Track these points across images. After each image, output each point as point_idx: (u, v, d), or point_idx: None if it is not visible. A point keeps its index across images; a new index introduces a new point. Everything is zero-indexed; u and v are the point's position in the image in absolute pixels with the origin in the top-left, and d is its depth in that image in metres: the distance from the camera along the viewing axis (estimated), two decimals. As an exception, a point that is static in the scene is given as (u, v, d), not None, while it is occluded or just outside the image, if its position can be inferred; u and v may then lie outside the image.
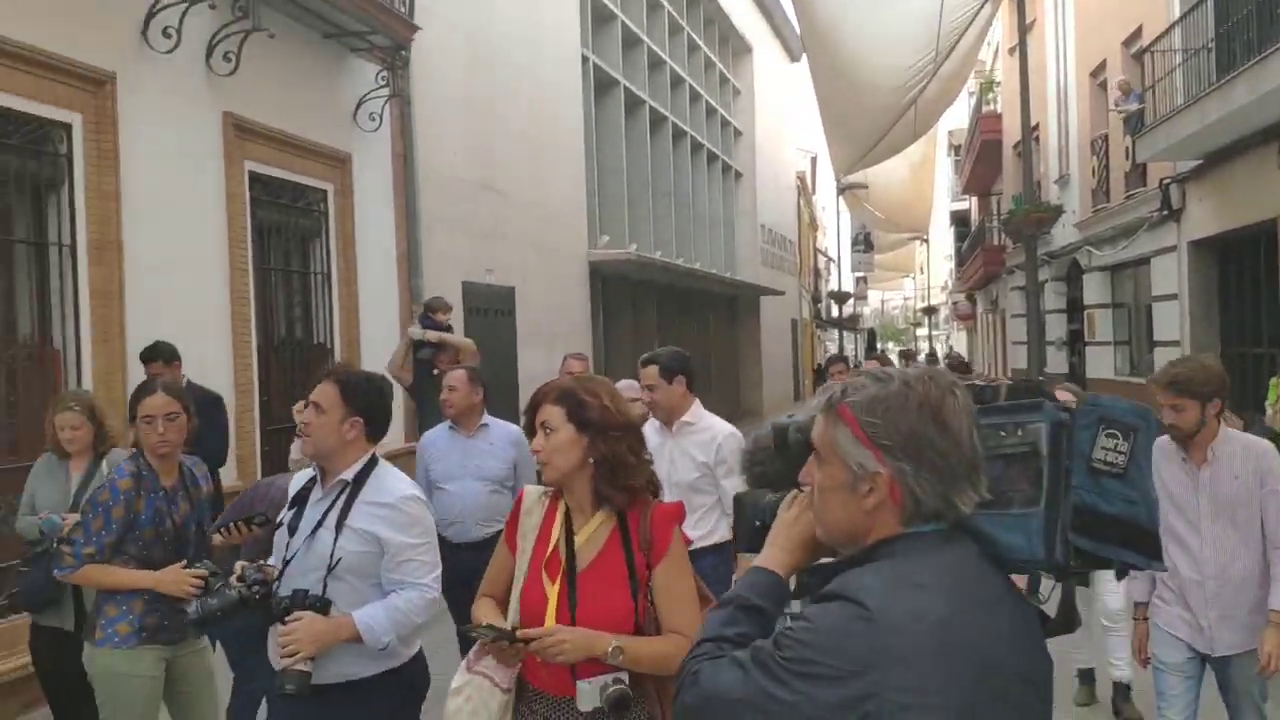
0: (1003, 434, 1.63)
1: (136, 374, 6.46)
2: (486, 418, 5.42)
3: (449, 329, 8.44)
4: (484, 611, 2.68)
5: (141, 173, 6.71)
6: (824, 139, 20.91)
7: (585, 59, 15.81)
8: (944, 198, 43.64)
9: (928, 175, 35.50)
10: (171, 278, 7.00)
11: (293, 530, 3.09)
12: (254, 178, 8.03)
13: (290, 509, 3.15)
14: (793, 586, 1.76)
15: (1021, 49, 15.30)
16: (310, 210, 8.97)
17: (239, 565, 3.09)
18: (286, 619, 2.90)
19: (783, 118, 32.50)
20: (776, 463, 1.88)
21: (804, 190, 39.22)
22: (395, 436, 8.26)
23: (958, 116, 33.57)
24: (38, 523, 4.50)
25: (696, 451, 4.61)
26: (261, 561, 3.09)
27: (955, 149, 39.45)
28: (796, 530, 1.75)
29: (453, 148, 11.29)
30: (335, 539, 3.00)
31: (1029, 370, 16.53)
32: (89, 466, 4.58)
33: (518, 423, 7.16)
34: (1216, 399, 3.66)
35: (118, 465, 4.79)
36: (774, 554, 1.76)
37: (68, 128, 6.25)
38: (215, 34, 7.38)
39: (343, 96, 9.30)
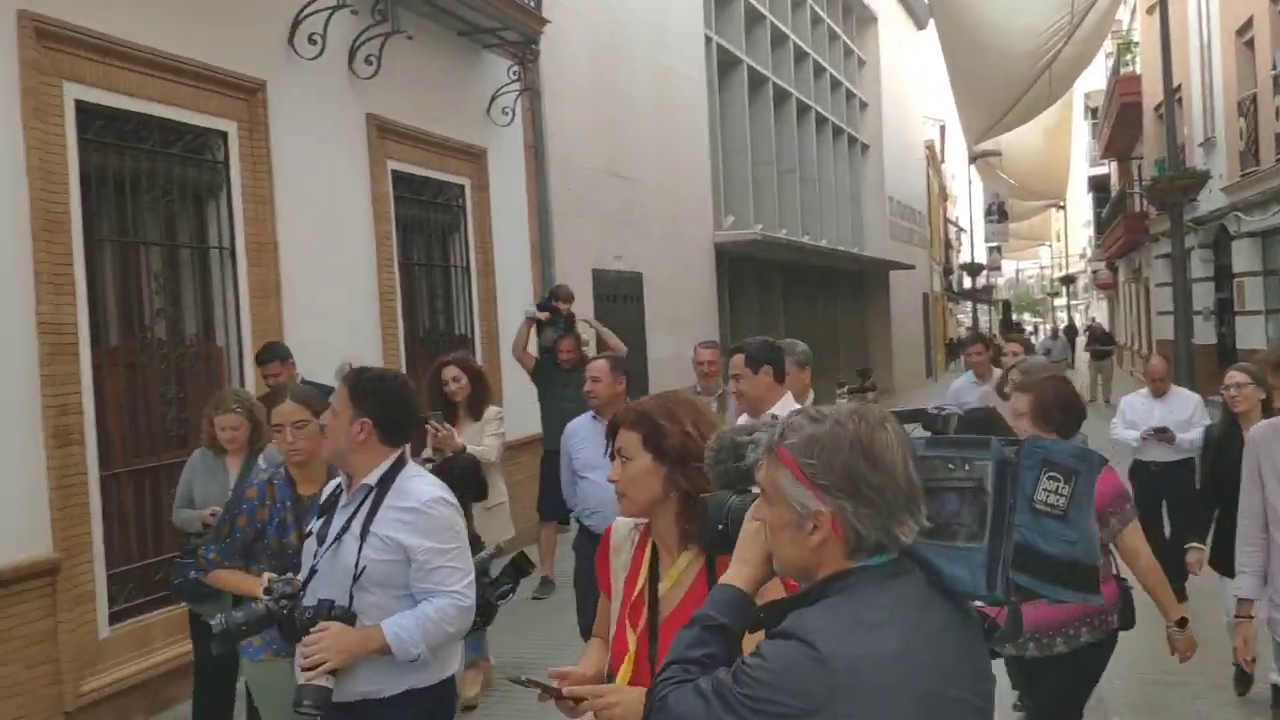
0: (950, 467, 1.68)
1: (297, 368, 6.81)
2: None
3: (570, 317, 8.53)
4: (591, 653, 2.52)
5: (292, 176, 7.03)
6: (954, 107, 20.43)
7: (708, 39, 15.78)
8: (1081, 162, 42.07)
9: (1063, 140, 34.28)
10: (323, 276, 7.32)
11: (321, 540, 2.97)
12: (396, 176, 8.31)
13: (318, 517, 3.06)
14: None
15: (1162, 8, 14.68)
16: (449, 205, 9.24)
17: (266, 577, 3.04)
18: (312, 629, 2.79)
19: (909, 87, 31.81)
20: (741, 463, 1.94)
21: (933, 160, 38.36)
22: (525, 424, 8.47)
23: (1094, 78, 32.30)
24: (201, 516, 4.80)
25: None
26: (290, 574, 3.02)
27: (1092, 112, 37.94)
28: (759, 543, 1.78)
29: (581, 136, 11.44)
30: (360, 547, 2.87)
31: (1175, 341, 15.88)
32: (245, 462, 4.84)
33: None
34: None
35: (273, 461, 5.10)
36: (739, 569, 1.81)
37: (224, 135, 6.59)
38: (357, 38, 7.65)
39: (477, 93, 9.53)
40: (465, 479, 4.72)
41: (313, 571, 2.94)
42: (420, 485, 2.98)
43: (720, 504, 1.97)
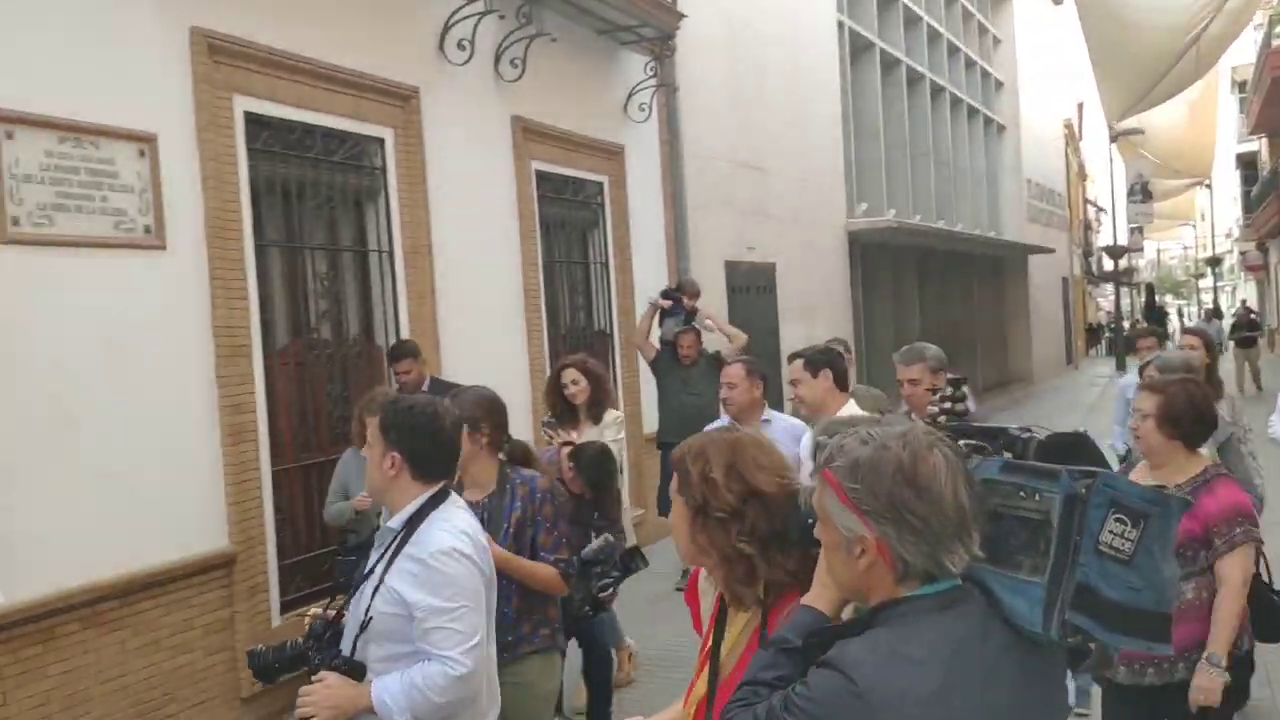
0: (1021, 495, 1.62)
1: (451, 368, 7.03)
2: (768, 412, 5.33)
3: (692, 312, 8.54)
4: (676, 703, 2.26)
5: (444, 179, 7.23)
6: (1093, 84, 19.72)
7: (840, 25, 15.58)
8: (1228, 139, 40.12)
9: (1209, 115, 32.73)
10: (473, 275, 7.52)
11: (357, 582, 2.85)
12: (539, 176, 8.46)
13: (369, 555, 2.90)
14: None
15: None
16: (589, 203, 9.36)
17: (311, 613, 2.96)
18: (313, 679, 2.68)
19: (1047, 65, 30.80)
20: None
21: (1071, 139, 37.07)
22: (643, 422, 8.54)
23: (1242, 51, 30.71)
24: (353, 504, 5.18)
25: None
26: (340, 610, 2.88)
27: (1239, 86, 36.14)
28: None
29: (714, 129, 11.44)
30: (371, 596, 2.71)
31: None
32: None
33: (782, 406, 7.27)
34: None
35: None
36: (819, 591, 1.80)
37: (381, 142, 6.82)
38: (502, 42, 7.81)
39: (615, 90, 9.62)
40: (596, 467, 4.81)
41: (339, 614, 2.84)
42: (437, 533, 2.72)
43: (810, 498, 1.89)
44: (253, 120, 5.88)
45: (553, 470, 5.07)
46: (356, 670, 2.67)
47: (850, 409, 4.21)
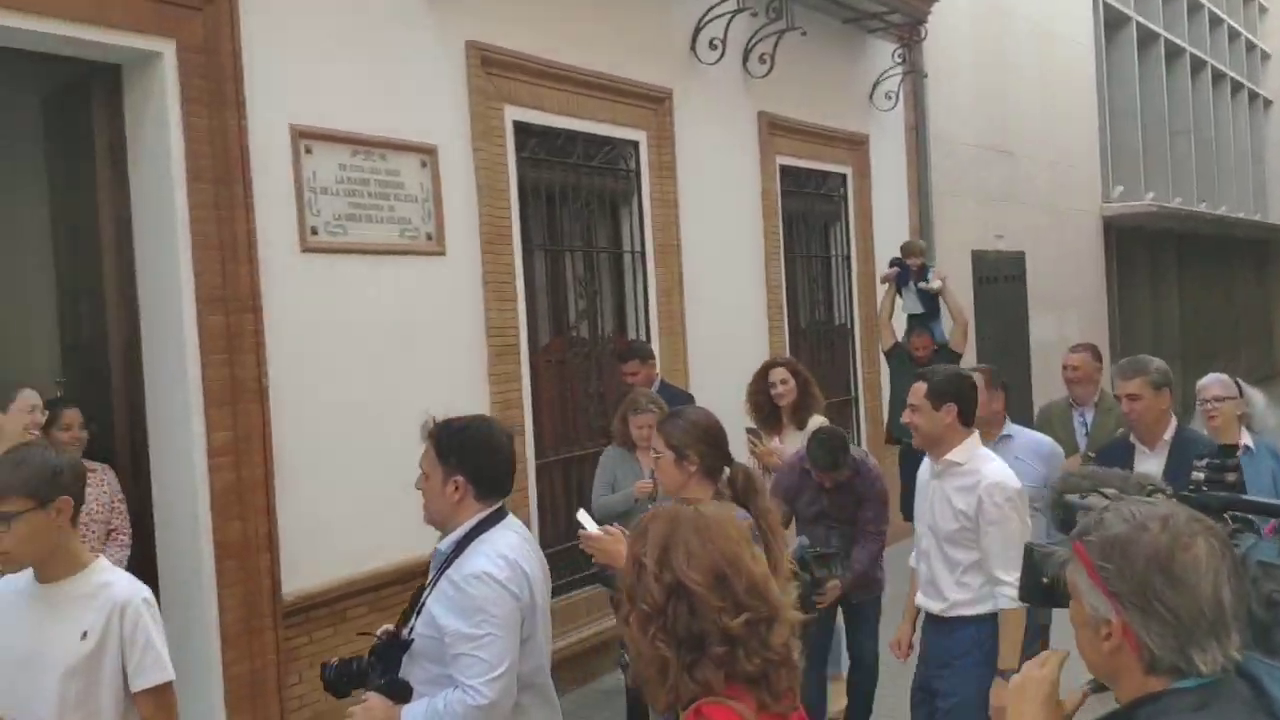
0: None
1: (698, 363, 7.12)
2: (1010, 427, 4.82)
3: (920, 270, 8.10)
4: None
5: (693, 178, 7.31)
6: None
7: (1095, -1, 14.75)
8: None
9: None
10: (719, 272, 7.57)
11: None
12: (783, 171, 8.43)
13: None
14: None
15: None
16: (831, 195, 9.25)
17: (382, 630, 2.86)
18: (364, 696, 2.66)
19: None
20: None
21: (1348, 110, 33.72)
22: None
23: None
24: (635, 490, 5.14)
25: (957, 498, 3.71)
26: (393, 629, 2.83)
27: None
28: (1035, 690, 1.66)
29: (962, 113, 11.06)
30: (415, 616, 2.71)
31: None
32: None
33: (1031, 415, 6.91)
34: None
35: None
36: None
37: (635, 145, 6.95)
38: (752, 38, 7.80)
39: (860, 80, 9.46)
40: (822, 446, 4.76)
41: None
42: (477, 557, 2.65)
43: (1047, 556, 1.78)
44: (520, 129, 6.11)
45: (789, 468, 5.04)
46: (399, 691, 2.62)
47: (969, 450, 3.74)
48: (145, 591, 2.66)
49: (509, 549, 2.70)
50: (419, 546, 5.27)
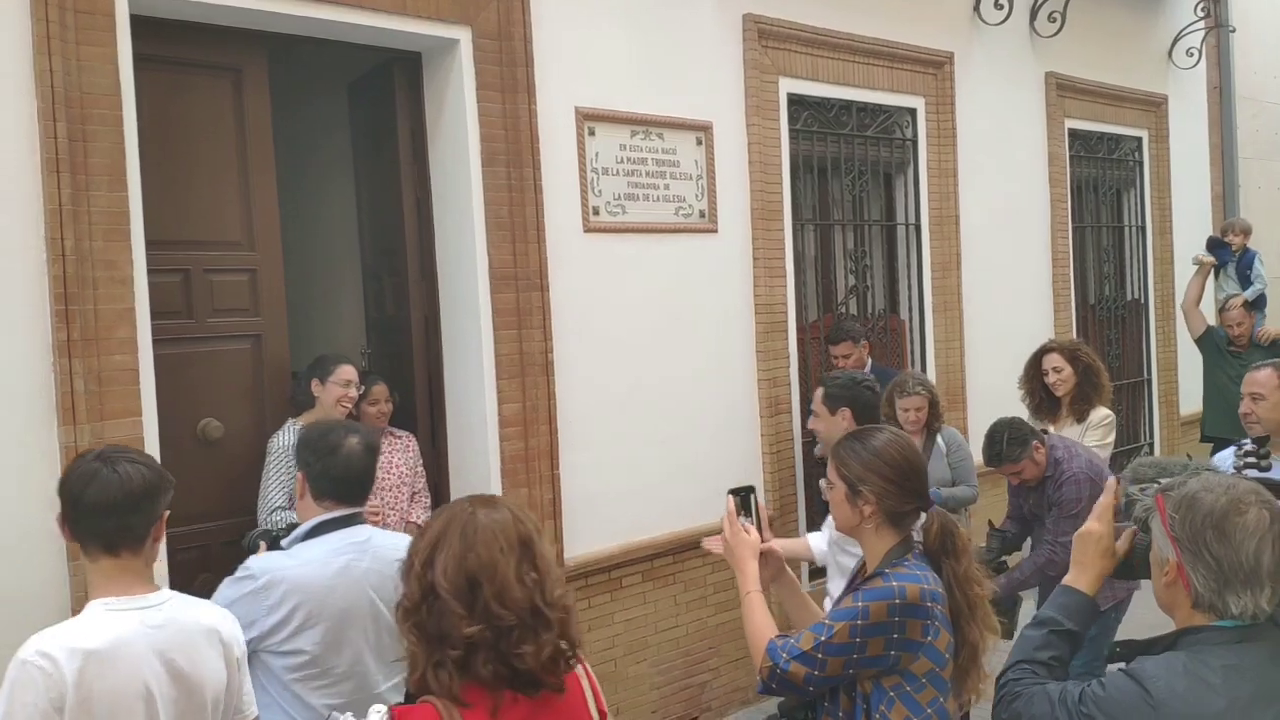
0: None
1: (974, 343, 6.84)
2: None
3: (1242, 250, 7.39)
4: None
5: (973, 146, 6.99)
6: None
7: None
8: None
9: None
10: (999, 244, 7.23)
11: None
12: (1072, 135, 7.92)
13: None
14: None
15: None
16: (1124, 161, 8.61)
17: None
18: None
19: None
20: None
21: None
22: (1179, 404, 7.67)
23: None
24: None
25: None
26: None
27: None
28: (1096, 550, 2.08)
29: (1272, 71, 10.03)
30: None
31: None
32: (924, 443, 4.99)
33: None
34: None
35: (951, 441, 5.16)
36: (1078, 573, 2.08)
37: (912, 112, 6.71)
38: (1040, -4, 7.38)
39: (1158, 35, 8.74)
40: (990, 439, 4.39)
41: None
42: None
43: (1137, 503, 2.10)
44: (794, 101, 6.02)
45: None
46: None
47: None
48: None
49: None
50: (691, 519, 5.39)
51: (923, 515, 2.52)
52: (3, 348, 3.49)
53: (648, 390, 5.31)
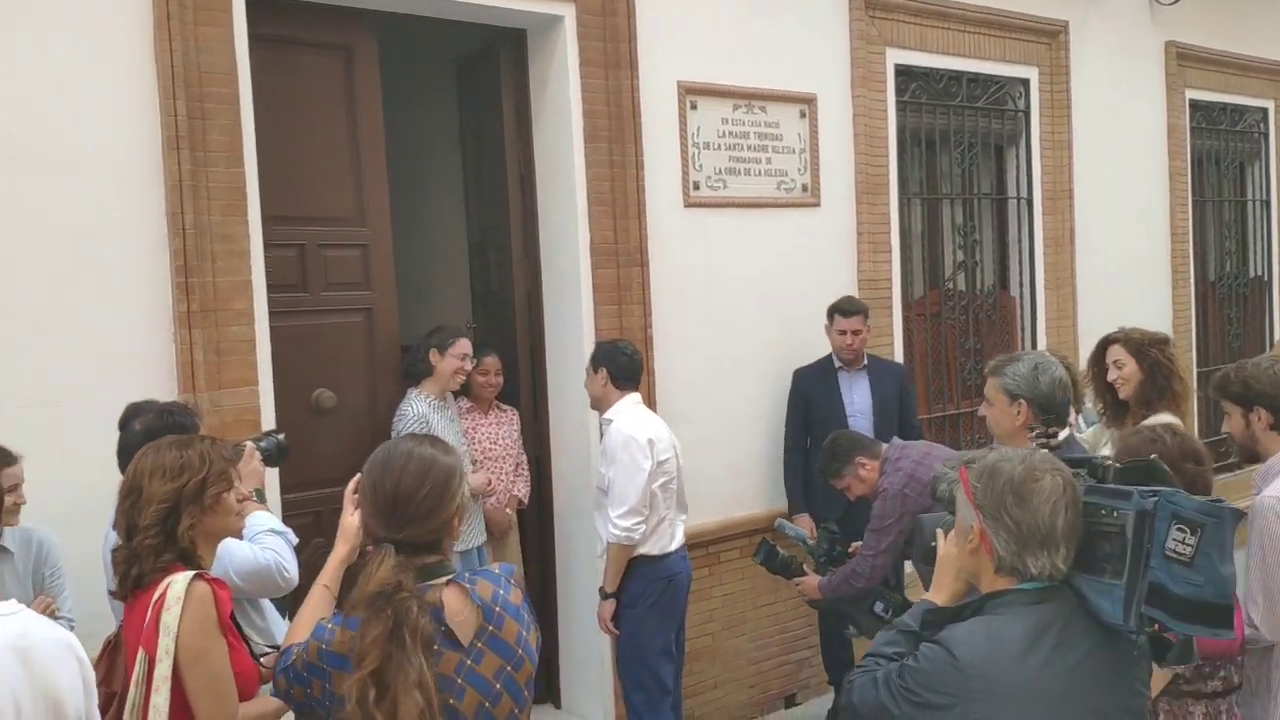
0: (1103, 513, 1.95)
1: (1087, 321, 6.64)
2: None
3: None
4: None
5: (1088, 118, 6.77)
6: None
7: None
8: None
9: None
10: (1115, 220, 7.00)
11: None
12: (1192, 106, 7.61)
13: None
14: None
15: None
16: (1248, 132, 8.25)
17: None
18: None
19: None
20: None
21: None
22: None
23: None
24: None
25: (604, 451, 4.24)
26: None
27: None
28: (950, 570, 2.17)
29: None
30: None
31: None
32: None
33: None
34: None
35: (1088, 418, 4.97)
36: (937, 592, 2.18)
37: (1025, 83, 6.53)
38: (1161, -38, 7.09)
39: (1289, -1, 8.33)
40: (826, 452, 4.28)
41: None
42: None
43: (944, 477, 2.40)
44: (901, 72, 5.91)
45: None
46: None
47: (618, 409, 4.20)
48: None
49: None
50: (782, 499, 5.35)
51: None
52: (125, 319, 3.64)
53: (748, 366, 5.29)
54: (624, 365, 4.28)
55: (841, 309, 5.24)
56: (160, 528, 2.30)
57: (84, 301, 3.56)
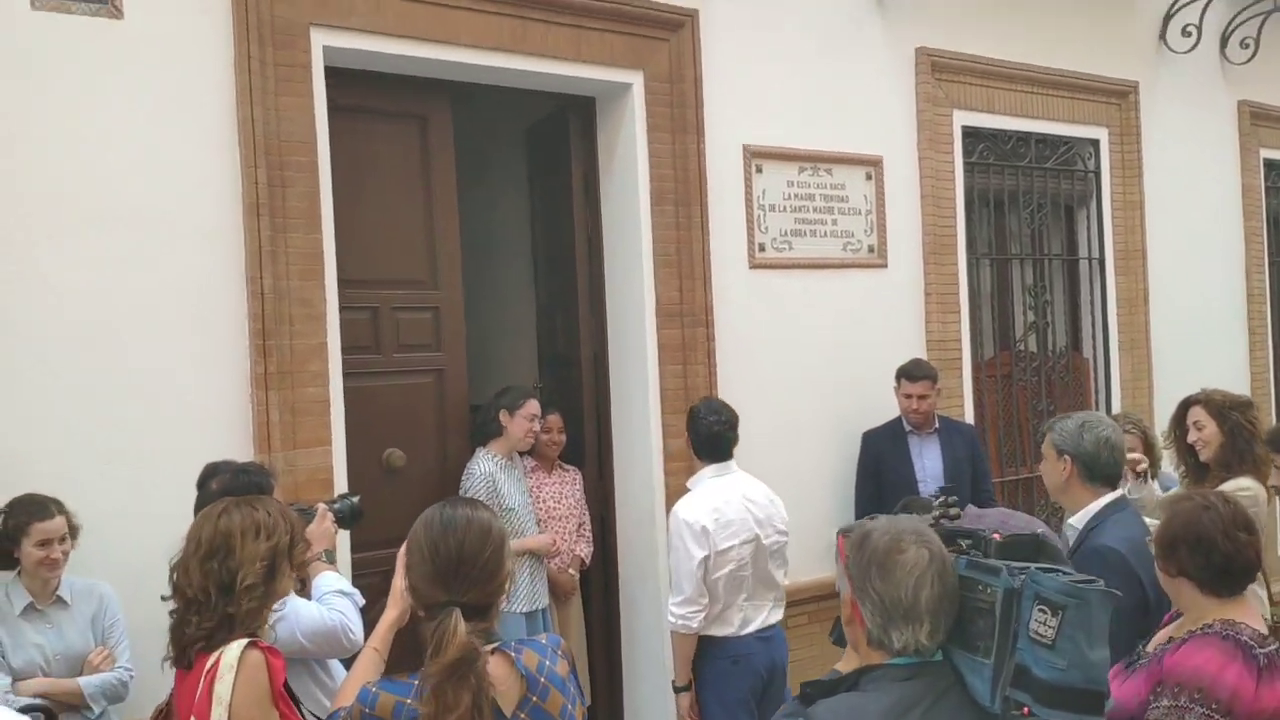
0: (980, 588, 1.88)
1: (1163, 383, 6.51)
2: None
3: None
4: None
5: (1161, 177, 6.70)
6: None
7: None
8: None
9: None
10: (1189, 280, 6.88)
11: None
12: (1268, 165, 7.50)
13: None
14: None
15: None
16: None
17: None
18: None
19: None
20: None
21: None
22: None
23: None
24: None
25: None
26: None
27: None
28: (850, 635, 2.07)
29: None
30: None
31: None
32: (1133, 485, 4.69)
33: None
34: None
35: (1167, 481, 4.86)
36: (845, 659, 2.05)
37: (1095, 144, 6.49)
38: (1230, 22, 7.02)
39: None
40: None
41: None
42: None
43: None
44: (969, 134, 5.91)
45: None
46: None
47: (710, 478, 4.02)
48: None
49: None
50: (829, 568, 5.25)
51: None
52: (205, 379, 3.74)
53: (814, 426, 5.26)
54: (701, 434, 4.04)
55: (908, 373, 5.20)
56: (265, 587, 2.27)
57: (164, 362, 3.67)
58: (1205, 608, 2.48)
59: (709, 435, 4.02)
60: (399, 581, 2.24)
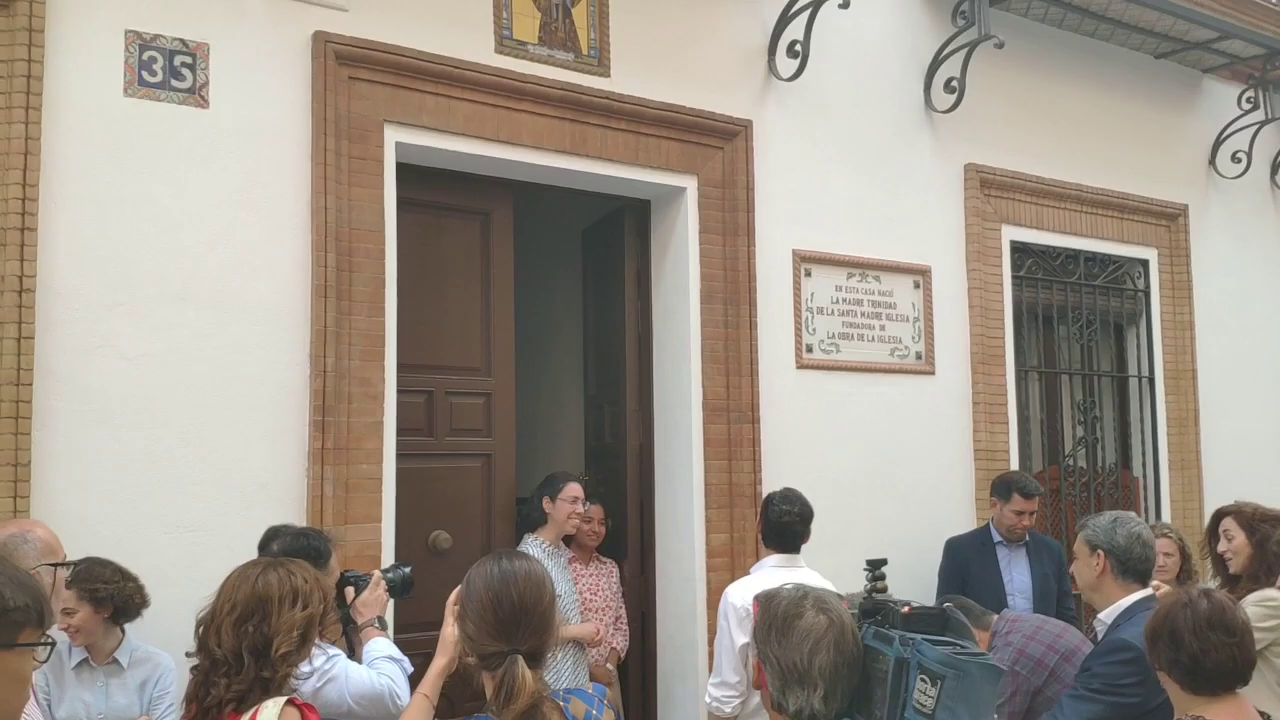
0: (880, 658, 1.94)
1: (1212, 501, 6.38)
2: None
3: None
4: None
5: (1211, 299, 6.75)
6: None
7: None
8: None
9: None
10: (1240, 400, 6.86)
11: None
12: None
13: None
14: None
15: None
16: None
17: None
18: None
19: None
20: None
21: None
22: None
23: None
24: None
25: None
26: None
27: None
28: None
29: None
30: None
31: None
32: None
33: None
34: None
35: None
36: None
37: (1144, 263, 6.56)
38: (1281, 150, 7.15)
39: None
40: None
41: None
42: None
43: None
44: (1017, 249, 6.02)
45: None
46: None
47: (771, 566, 3.93)
48: None
49: None
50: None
51: None
52: (264, 452, 3.88)
53: (858, 530, 5.26)
54: (771, 521, 3.98)
55: (1024, 490, 5.09)
56: (298, 655, 2.30)
57: (227, 433, 3.82)
58: (1187, 704, 2.48)
59: (779, 525, 3.97)
60: (449, 630, 2.29)
